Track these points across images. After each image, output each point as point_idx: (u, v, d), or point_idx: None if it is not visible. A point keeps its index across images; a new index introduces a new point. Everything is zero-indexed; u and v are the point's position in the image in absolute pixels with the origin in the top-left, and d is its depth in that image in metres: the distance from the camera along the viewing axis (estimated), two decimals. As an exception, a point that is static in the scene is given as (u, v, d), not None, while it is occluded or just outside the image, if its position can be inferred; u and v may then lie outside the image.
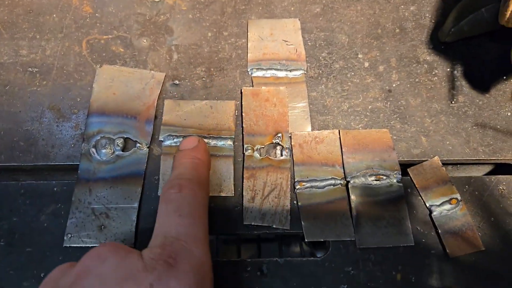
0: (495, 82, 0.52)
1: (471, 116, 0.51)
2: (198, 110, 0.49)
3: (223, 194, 0.45)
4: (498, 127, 0.50)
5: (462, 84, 0.52)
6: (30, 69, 0.51)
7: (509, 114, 0.51)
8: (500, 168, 0.52)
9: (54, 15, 0.54)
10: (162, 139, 0.47)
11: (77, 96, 0.50)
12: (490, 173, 0.53)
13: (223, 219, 0.45)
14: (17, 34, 0.53)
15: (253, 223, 0.44)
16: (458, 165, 0.53)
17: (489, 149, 0.49)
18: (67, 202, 0.45)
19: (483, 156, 0.49)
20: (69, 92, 0.50)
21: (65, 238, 0.43)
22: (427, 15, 0.57)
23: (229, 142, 0.47)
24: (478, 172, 0.54)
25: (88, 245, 0.43)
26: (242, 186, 0.46)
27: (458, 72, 0.53)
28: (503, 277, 0.44)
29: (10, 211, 0.44)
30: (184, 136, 0.47)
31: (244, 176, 0.46)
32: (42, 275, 0.42)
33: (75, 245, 0.43)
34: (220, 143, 0.47)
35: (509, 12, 0.41)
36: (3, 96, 0.49)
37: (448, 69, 0.53)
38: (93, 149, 0.47)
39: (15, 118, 0.48)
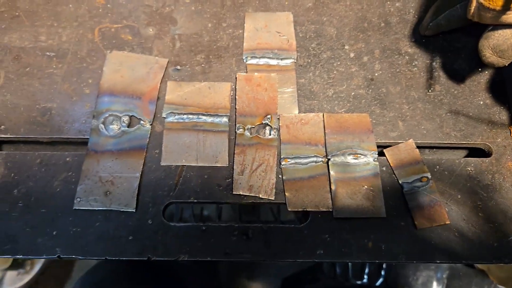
0: (470, 73, 0.57)
1: (446, 104, 0.55)
2: (197, 91, 0.54)
3: (218, 164, 0.51)
4: (471, 114, 0.55)
5: (440, 74, 0.57)
6: (48, 53, 0.57)
7: (481, 103, 0.55)
8: (473, 154, 0.57)
9: (70, 5, 0.60)
10: (165, 116, 0.53)
11: (89, 78, 0.55)
12: (465, 157, 0.58)
13: (215, 189, 0.50)
14: (37, 22, 0.59)
15: (241, 193, 0.50)
16: (434, 149, 0.58)
17: (460, 134, 0.54)
18: (77, 171, 0.50)
19: (454, 140, 0.54)
20: (81, 75, 0.56)
21: (75, 201, 0.49)
22: (411, 11, 0.61)
23: (225, 119, 0.53)
24: (450, 155, 0.58)
25: (95, 208, 0.49)
26: (233, 161, 0.51)
27: (436, 63, 0.58)
28: (465, 248, 0.49)
29: (27, 177, 0.50)
30: (184, 114, 0.53)
31: (235, 152, 0.52)
32: (54, 233, 0.48)
33: (83, 208, 0.49)
34: (216, 120, 0.53)
35: (473, 8, 0.46)
36: (24, 76, 0.55)
37: (427, 61, 0.58)
38: (102, 125, 0.52)
39: (34, 96, 0.54)
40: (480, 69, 0.57)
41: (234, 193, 0.50)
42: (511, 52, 0.47)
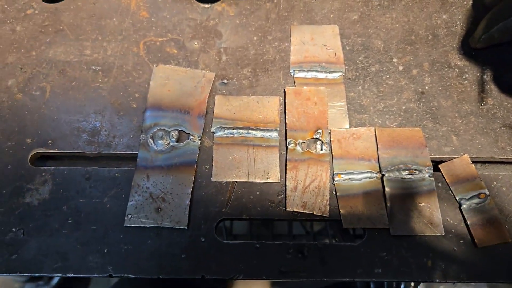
0: (523, 86, 0.56)
1: (500, 118, 0.54)
2: (246, 105, 0.53)
3: (270, 180, 0.50)
4: (526, 128, 0.53)
5: (491, 87, 0.56)
6: (93, 67, 0.56)
7: (536, 116, 0.54)
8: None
9: (114, 19, 0.60)
10: (214, 131, 0.52)
11: (135, 92, 0.55)
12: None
13: (267, 205, 0.49)
14: (82, 35, 0.59)
15: (295, 210, 0.48)
16: (487, 164, 0.56)
17: (516, 148, 0.52)
18: (127, 187, 0.49)
19: (511, 155, 0.52)
20: (128, 89, 0.55)
21: (125, 218, 0.48)
22: (459, 23, 0.60)
23: (275, 134, 0.52)
24: (507, 171, 0.57)
25: (146, 226, 0.47)
26: (285, 177, 0.50)
27: (487, 76, 0.56)
28: (529, 267, 0.47)
29: (77, 193, 0.49)
30: (234, 129, 0.52)
31: (287, 167, 0.50)
32: (105, 251, 0.47)
33: (134, 225, 0.48)
34: (266, 134, 0.52)
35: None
36: (70, 91, 0.55)
37: (478, 74, 0.57)
38: (151, 140, 0.51)
39: (80, 110, 0.54)
40: (533, 82, 0.56)
41: (288, 210, 0.48)
42: None
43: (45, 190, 0.50)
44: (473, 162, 0.51)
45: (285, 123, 0.53)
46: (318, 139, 0.52)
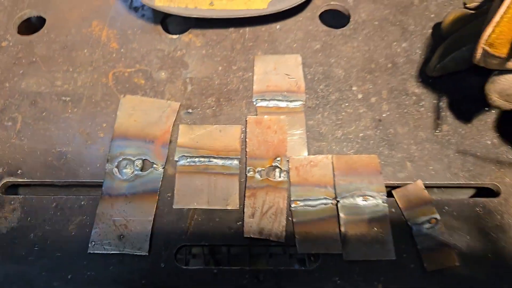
0: (477, 113, 0.58)
1: (454, 144, 0.56)
2: (208, 134, 0.56)
3: (229, 208, 0.52)
4: (478, 154, 0.55)
5: (447, 114, 0.58)
6: (63, 98, 0.59)
7: (489, 142, 0.56)
8: (482, 193, 0.57)
9: (85, 50, 0.62)
10: (177, 159, 0.54)
11: (103, 122, 0.57)
12: (473, 196, 0.58)
13: (226, 232, 0.51)
14: (54, 67, 0.61)
15: (252, 236, 0.50)
16: (443, 189, 0.58)
17: (469, 174, 0.54)
18: (92, 215, 0.52)
19: (463, 180, 0.54)
20: (96, 119, 0.57)
21: (89, 245, 0.50)
22: (418, 51, 0.62)
23: (236, 162, 0.54)
24: (463, 195, 0.59)
25: (109, 252, 0.49)
26: (244, 204, 0.52)
27: (443, 103, 0.58)
28: (476, 290, 0.49)
29: (44, 220, 0.52)
30: (196, 157, 0.54)
31: (246, 194, 0.52)
32: (69, 277, 0.49)
33: (98, 252, 0.50)
34: (227, 162, 0.54)
35: (478, 54, 0.46)
36: (40, 121, 0.57)
37: (434, 101, 0.59)
38: (116, 169, 0.54)
39: (50, 140, 0.56)
40: (487, 109, 0.58)
41: (245, 236, 0.50)
42: (518, 97, 0.48)
43: (14, 218, 0.52)
44: (426, 187, 0.53)
45: (246, 151, 0.55)
46: (277, 166, 0.54)
